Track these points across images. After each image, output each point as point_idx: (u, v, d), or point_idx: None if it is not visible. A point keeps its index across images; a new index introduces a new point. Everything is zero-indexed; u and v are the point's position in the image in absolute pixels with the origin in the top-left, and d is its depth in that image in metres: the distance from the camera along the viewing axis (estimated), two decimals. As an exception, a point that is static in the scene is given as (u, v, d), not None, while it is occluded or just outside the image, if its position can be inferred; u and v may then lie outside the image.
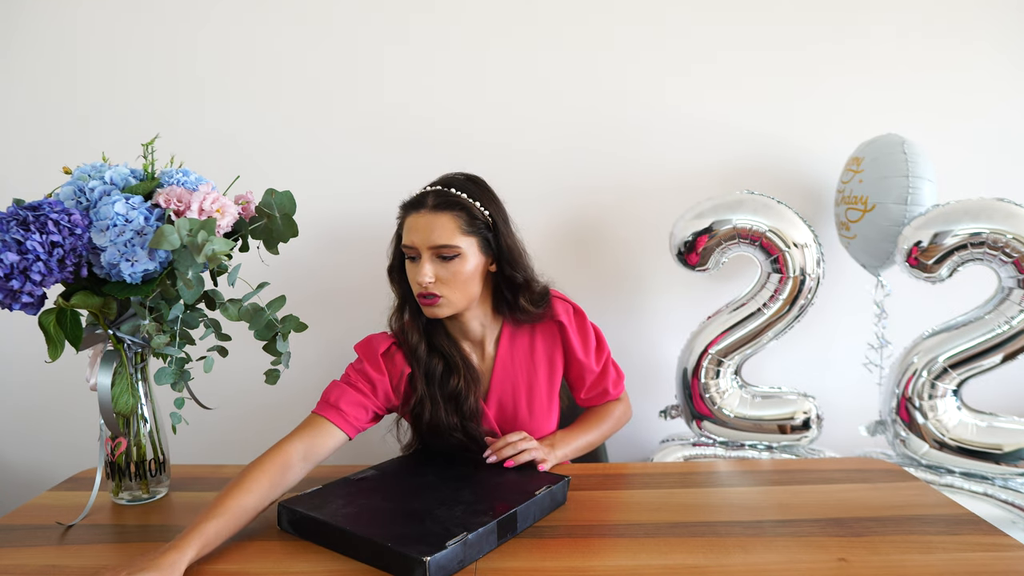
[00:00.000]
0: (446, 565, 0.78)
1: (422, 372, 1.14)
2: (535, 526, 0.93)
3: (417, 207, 1.08)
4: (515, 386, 1.19)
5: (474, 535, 0.82)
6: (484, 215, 1.10)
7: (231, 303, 1.01)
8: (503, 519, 0.87)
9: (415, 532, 0.83)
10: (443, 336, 1.17)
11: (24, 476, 1.79)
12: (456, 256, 1.07)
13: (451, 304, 1.09)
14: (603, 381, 1.26)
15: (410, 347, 1.14)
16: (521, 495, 0.93)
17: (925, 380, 1.45)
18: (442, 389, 1.14)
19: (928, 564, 0.82)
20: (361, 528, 0.84)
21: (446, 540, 0.79)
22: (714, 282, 1.72)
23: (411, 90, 1.68)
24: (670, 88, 1.68)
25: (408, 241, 1.08)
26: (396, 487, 1.00)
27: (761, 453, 1.58)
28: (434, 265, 1.07)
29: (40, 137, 1.69)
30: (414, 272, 1.08)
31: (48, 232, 0.86)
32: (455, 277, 1.07)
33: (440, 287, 1.07)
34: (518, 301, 1.15)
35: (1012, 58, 1.67)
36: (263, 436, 1.78)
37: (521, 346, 1.21)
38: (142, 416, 1.04)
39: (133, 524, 0.98)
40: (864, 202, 1.48)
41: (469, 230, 1.08)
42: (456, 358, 1.15)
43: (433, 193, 1.09)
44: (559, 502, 1.00)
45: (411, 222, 1.08)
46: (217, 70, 1.67)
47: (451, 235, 1.06)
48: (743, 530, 0.92)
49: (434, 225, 1.06)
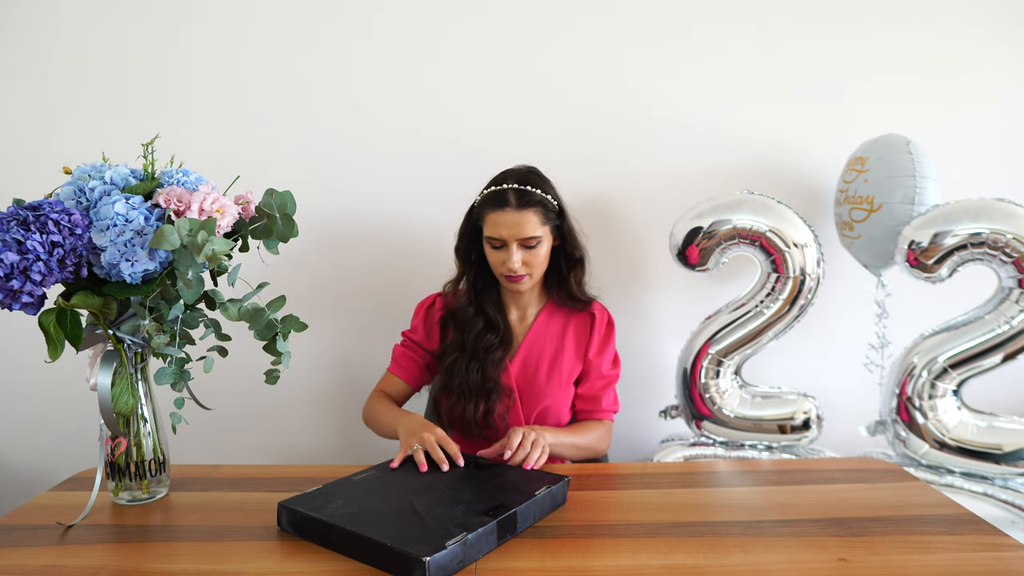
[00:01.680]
0: (446, 565, 0.78)
1: (460, 325, 1.34)
2: (535, 526, 0.93)
3: (502, 205, 1.25)
4: (541, 354, 1.35)
5: (474, 535, 0.82)
6: (554, 205, 1.30)
7: (231, 303, 1.01)
8: (503, 519, 0.87)
9: (415, 532, 0.83)
10: (494, 302, 1.37)
11: (24, 476, 1.79)
12: (538, 244, 1.27)
13: (532, 280, 1.30)
14: (603, 391, 1.36)
15: (454, 303, 1.36)
16: (521, 495, 0.93)
17: (925, 380, 1.45)
18: (476, 341, 1.32)
19: (928, 564, 0.82)
20: (361, 528, 0.84)
21: (446, 540, 0.79)
22: (714, 282, 1.72)
23: (410, 91, 1.68)
24: (670, 88, 1.68)
25: (496, 235, 1.26)
26: (396, 487, 1.00)
27: (761, 453, 1.58)
28: (521, 252, 1.26)
29: (40, 137, 1.69)
30: (502, 257, 1.28)
31: (48, 232, 0.86)
32: (535, 259, 1.28)
33: (525, 268, 1.28)
34: (571, 275, 1.35)
35: (1012, 59, 1.67)
36: (263, 436, 1.80)
37: (556, 324, 1.38)
38: (142, 416, 1.04)
39: (133, 524, 0.98)
40: (870, 202, 1.48)
41: (545, 220, 1.28)
42: (499, 320, 1.35)
43: (514, 192, 1.26)
44: (559, 502, 1.00)
45: (498, 218, 1.26)
46: (219, 70, 1.67)
47: (535, 228, 1.26)
48: (743, 530, 0.92)
49: (521, 221, 1.25)
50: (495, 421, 1.31)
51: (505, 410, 1.32)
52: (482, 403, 1.30)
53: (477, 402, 1.30)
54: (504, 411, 1.31)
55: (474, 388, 1.30)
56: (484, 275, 1.37)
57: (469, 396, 1.30)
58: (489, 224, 1.28)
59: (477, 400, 1.30)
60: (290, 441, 1.80)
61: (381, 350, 1.44)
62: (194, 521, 0.98)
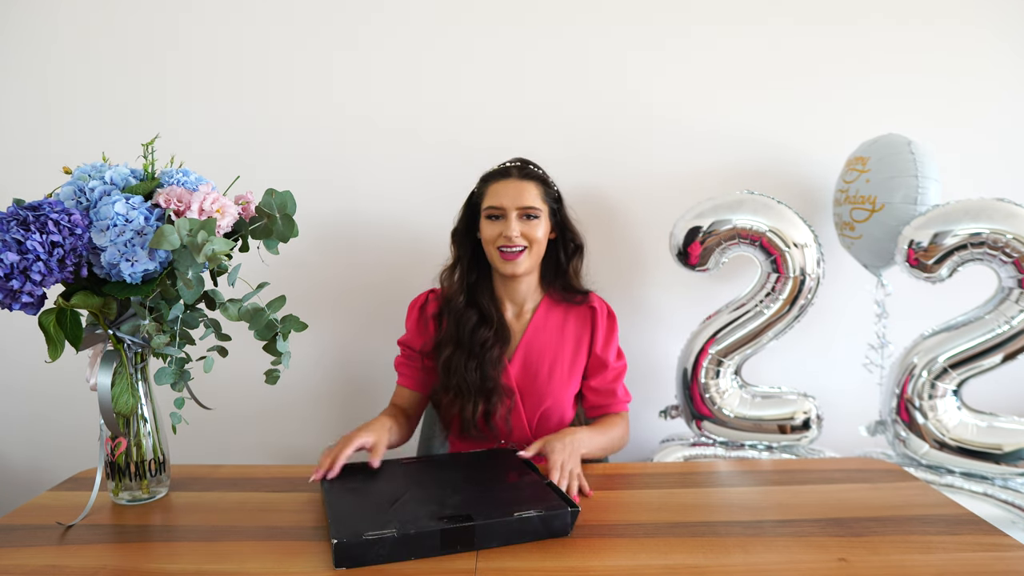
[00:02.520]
0: (360, 555, 0.82)
1: (453, 318, 1.31)
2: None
3: (504, 176, 1.29)
4: (541, 352, 1.33)
5: (402, 535, 0.83)
6: (554, 188, 1.33)
7: (231, 303, 1.01)
8: (452, 529, 0.86)
9: (360, 518, 0.88)
10: (488, 295, 1.35)
11: (24, 476, 1.79)
12: (537, 217, 1.27)
13: (529, 259, 1.28)
14: (615, 383, 1.35)
15: (448, 295, 1.33)
16: (499, 512, 0.90)
17: (925, 380, 1.45)
18: (471, 336, 1.29)
19: (928, 564, 0.82)
20: (338, 504, 0.93)
21: (370, 531, 0.84)
22: (714, 282, 1.72)
23: (411, 91, 1.68)
24: (670, 88, 1.68)
25: (497, 203, 1.26)
26: (423, 476, 1.06)
27: (761, 453, 1.58)
28: (520, 223, 1.26)
29: (40, 137, 1.69)
30: (499, 228, 1.26)
31: (48, 232, 0.86)
32: (533, 233, 1.27)
33: (523, 241, 1.26)
34: (569, 266, 1.35)
35: (1012, 60, 1.67)
36: (263, 436, 1.80)
37: (554, 319, 1.35)
38: (142, 416, 1.04)
39: (133, 524, 0.98)
40: (872, 202, 1.48)
41: (545, 199, 1.29)
42: (492, 314, 1.32)
43: (517, 166, 1.30)
44: (557, 532, 0.91)
45: (499, 188, 1.28)
46: (219, 70, 1.67)
47: (535, 199, 1.27)
48: (743, 530, 0.92)
49: (522, 189, 1.26)
50: (496, 423, 1.28)
51: (507, 412, 1.29)
52: (481, 404, 1.27)
53: (476, 403, 1.27)
54: (506, 412, 1.29)
55: (473, 388, 1.27)
56: (479, 266, 1.35)
57: (468, 396, 1.27)
58: (490, 195, 1.28)
59: (476, 401, 1.27)
60: (290, 441, 1.80)
61: (381, 350, 1.44)
62: (194, 521, 0.98)
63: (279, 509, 1.00)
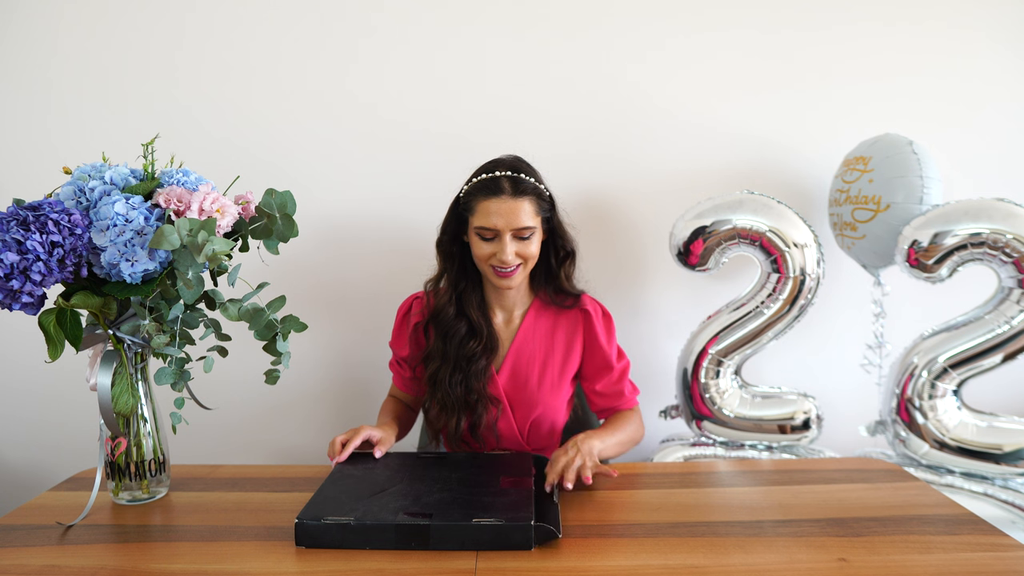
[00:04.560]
0: (317, 536, 0.87)
1: (441, 331, 1.26)
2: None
3: (496, 192, 1.18)
4: (531, 360, 1.29)
5: (358, 524, 0.87)
6: (547, 196, 1.24)
7: (231, 303, 1.01)
8: (406, 525, 0.87)
9: (336, 503, 0.92)
10: (476, 303, 1.29)
11: (24, 476, 1.79)
12: (532, 236, 1.21)
13: (524, 272, 1.23)
14: (621, 382, 1.32)
15: (435, 305, 1.28)
16: (460, 515, 0.89)
17: (925, 380, 1.45)
18: (458, 349, 1.25)
19: (928, 564, 0.82)
20: (329, 487, 0.98)
21: (331, 516, 0.88)
22: (714, 282, 1.72)
23: (410, 91, 1.68)
24: (670, 89, 1.68)
25: (490, 224, 1.18)
26: (423, 472, 1.07)
27: (761, 453, 1.58)
28: (515, 243, 1.19)
29: (40, 137, 1.69)
30: (492, 249, 1.20)
31: (48, 232, 0.86)
32: (528, 251, 1.21)
33: (518, 261, 1.21)
34: (560, 270, 1.29)
35: (1011, 59, 1.67)
36: (263, 436, 1.80)
37: (544, 324, 1.31)
38: (142, 416, 1.04)
39: (133, 524, 0.98)
40: (876, 202, 1.48)
41: (539, 211, 1.21)
42: (482, 325, 1.27)
43: (508, 179, 1.19)
44: (518, 544, 0.87)
45: (491, 206, 1.18)
46: (218, 70, 1.67)
47: (530, 218, 1.19)
48: (743, 530, 0.92)
49: (516, 210, 1.17)
50: (483, 434, 1.25)
51: (493, 421, 1.26)
52: (465, 418, 1.24)
53: (460, 416, 1.24)
54: (492, 422, 1.26)
55: (457, 402, 1.24)
56: (467, 274, 1.29)
57: (452, 410, 1.24)
58: (480, 213, 1.19)
59: (460, 414, 1.24)
60: (290, 441, 1.80)
61: (381, 350, 1.43)
62: (194, 521, 0.98)
63: (279, 509, 1.00)
